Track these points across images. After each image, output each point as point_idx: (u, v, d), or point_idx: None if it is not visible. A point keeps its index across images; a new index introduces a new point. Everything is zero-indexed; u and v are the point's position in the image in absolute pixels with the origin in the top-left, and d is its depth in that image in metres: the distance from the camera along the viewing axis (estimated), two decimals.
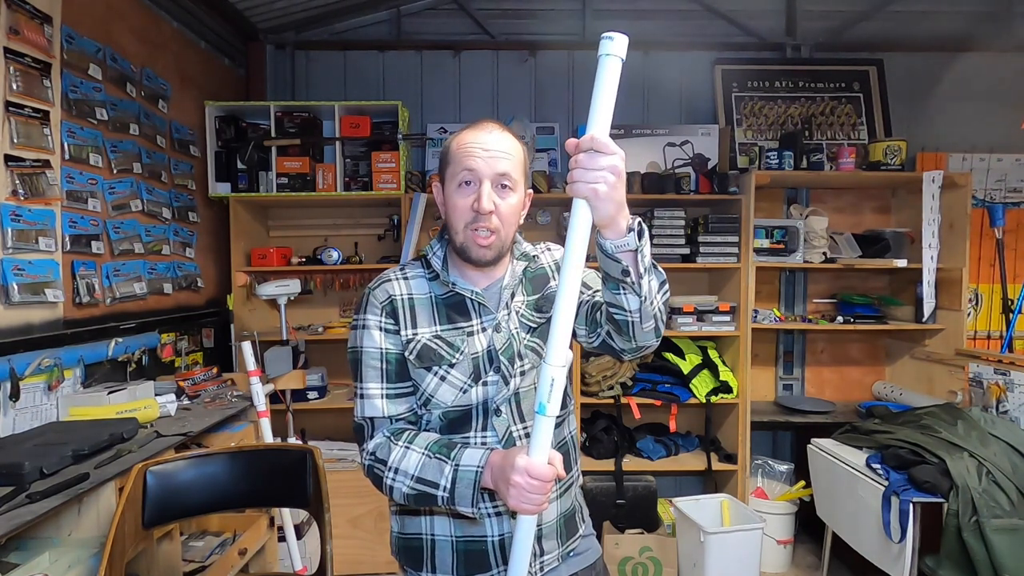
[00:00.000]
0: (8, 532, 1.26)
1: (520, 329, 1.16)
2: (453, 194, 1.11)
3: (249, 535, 2.09)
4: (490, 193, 1.08)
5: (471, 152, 1.08)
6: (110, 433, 1.74)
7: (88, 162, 2.16)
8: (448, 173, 1.12)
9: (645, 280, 1.00)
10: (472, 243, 1.10)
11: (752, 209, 2.92)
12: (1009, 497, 1.90)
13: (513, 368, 1.14)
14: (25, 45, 1.87)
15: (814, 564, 2.99)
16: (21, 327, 1.85)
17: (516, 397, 1.14)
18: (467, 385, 1.12)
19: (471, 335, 1.13)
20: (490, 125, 1.13)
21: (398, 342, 1.13)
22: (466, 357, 1.12)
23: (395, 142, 3.01)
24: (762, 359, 3.41)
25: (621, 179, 0.89)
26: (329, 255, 3.10)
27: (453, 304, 1.15)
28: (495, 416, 1.13)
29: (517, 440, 1.13)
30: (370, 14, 3.44)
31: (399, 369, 1.13)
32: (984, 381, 2.59)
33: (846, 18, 3.46)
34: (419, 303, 1.14)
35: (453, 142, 1.13)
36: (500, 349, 1.13)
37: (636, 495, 2.90)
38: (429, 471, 1.04)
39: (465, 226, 1.09)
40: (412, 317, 1.13)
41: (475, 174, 1.08)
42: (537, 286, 1.22)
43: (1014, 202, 3.44)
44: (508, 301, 1.16)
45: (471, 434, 1.13)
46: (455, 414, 1.13)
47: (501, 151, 1.09)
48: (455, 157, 1.11)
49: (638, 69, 3.45)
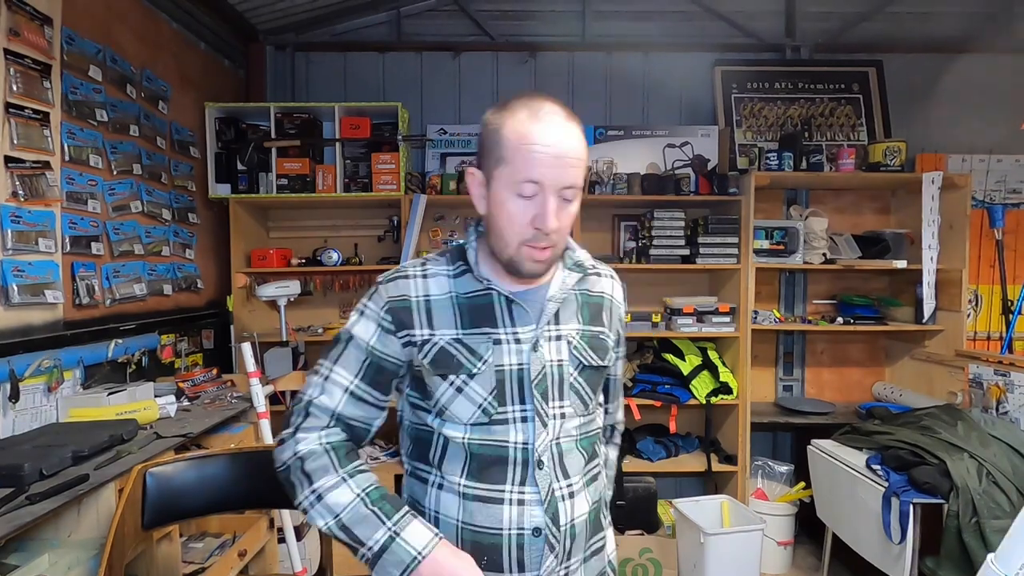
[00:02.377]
0: (8, 533, 1.25)
1: (569, 362, 1.00)
2: (507, 201, 0.92)
3: (249, 536, 2.08)
4: (556, 209, 0.91)
5: (538, 159, 0.89)
6: (110, 434, 1.74)
7: (88, 163, 2.16)
8: (501, 172, 0.92)
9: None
10: (526, 259, 0.94)
11: (752, 210, 2.92)
12: (1009, 498, 1.90)
13: (549, 405, 0.97)
14: (25, 46, 1.87)
15: (814, 565, 2.98)
16: (21, 328, 1.85)
17: (557, 446, 0.98)
18: (489, 404, 0.95)
19: (498, 343, 0.96)
20: (554, 113, 0.92)
21: (393, 346, 0.98)
22: (489, 368, 0.95)
23: (395, 143, 3.01)
24: (762, 360, 3.41)
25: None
26: (329, 256, 3.10)
27: (479, 306, 0.98)
28: (537, 468, 0.95)
29: (559, 502, 0.96)
30: (370, 15, 3.45)
31: (378, 374, 0.99)
32: (984, 382, 2.59)
33: (845, 19, 3.47)
34: (437, 304, 0.98)
35: (509, 131, 0.91)
36: (534, 377, 0.96)
37: (636, 496, 2.89)
38: (359, 523, 0.90)
39: (521, 242, 0.93)
40: (429, 318, 0.98)
41: (540, 186, 0.90)
42: (594, 317, 1.06)
43: (1014, 203, 3.44)
44: (552, 317, 0.99)
45: (507, 487, 0.95)
46: (487, 456, 0.95)
47: (573, 158, 0.91)
48: (513, 156, 0.90)
49: (638, 70, 3.45)
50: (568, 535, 0.97)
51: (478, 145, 0.98)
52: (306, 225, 3.36)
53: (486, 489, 0.95)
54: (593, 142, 3.27)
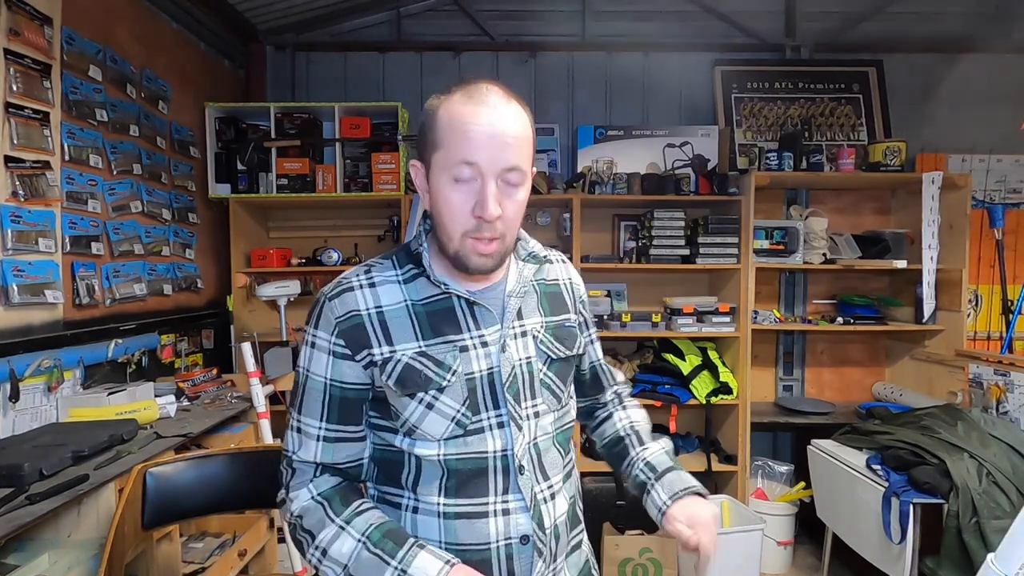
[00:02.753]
0: (8, 533, 1.25)
1: (536, 358, 0.95)
2: (444, 188, 0.86)
3: (249, 536, 2.08)
4: (496, 194, 0.84)
5: (472, 139, 0.83)
6: (110, 434, 1.74)
7: (88, 163, 2.16)
8: (437, 158, 0.86)
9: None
10: (471, 252, 0.87)
11: (752, 210, 2.92)
12: (1009, 498, 1.90)
13: (521, 407, 0.92)
14: (25, 46, 1.87)
15: (814, 565, 2.98)
16: (21, 328, 1.85)
17: (535, 448, 0.94)
18: (463, 416, 0.89)
19: (464, 351, 0.90)
20: (490, 91, 0.86)
21: (352, 371, 0.90)
22: (459, 379, 0.89)
23: (395, 143, 3.01)
24: (762, 360, 3.41)
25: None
26: (329, 256, 3.10)
27: (438, 312, 0.91)
28: (519, 474, 0.91)
29: (542, 505, 0.92)
30: (370, 15, 3.45)
31: (344, 407, 0.91)
32: (984, 382, 2.59)
33: (846, 19, 3.47)
34: (392, 315, 0.90)
35: (443, 113, 0.86)
36: (505, 379, 0.91)
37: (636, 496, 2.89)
38: (366, 569, 0.84)
39: (463, 234, 0.86)
40: (385, 333, 0.89)
41: (477, 168, 0.84)
42: (554, 306, 1.01)
43: (1014, 203, 3.44)
44: (514, 314, 0.94)
45: (490, 500, 0.90)
46: (466, 470, 0.89)
47: (512, 135, 0.84)
48: (446, 138, 0.85)
49: (638, 70, 3.45)
50: (553, 536, 0.94)
51: (418, 135, 0.92)
52: (306, 225, 3.36)
53: (468, 505, 0.89)
54: (593, 142, 3.27)
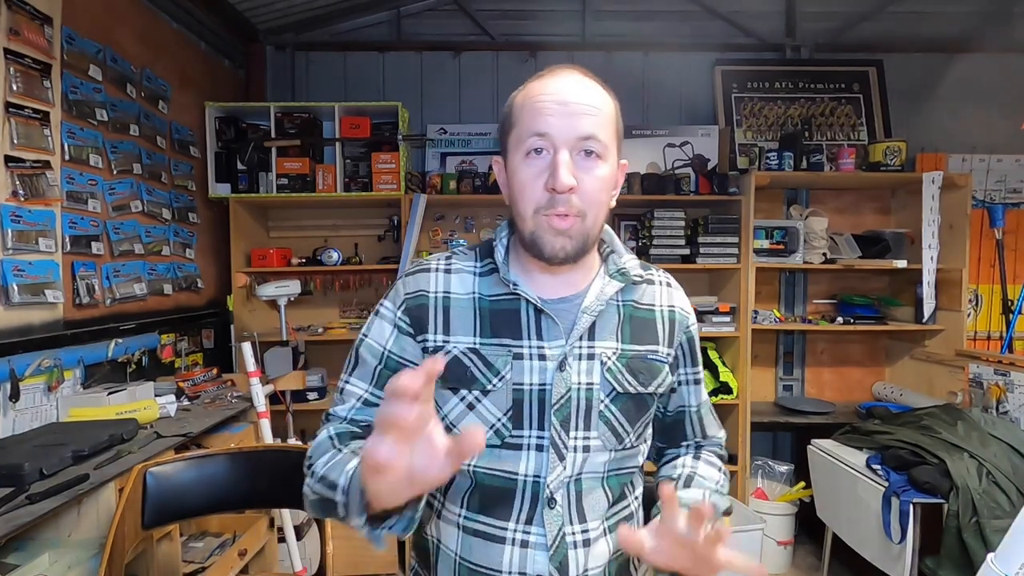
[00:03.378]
0: (8, 533, 1.25)
1: (600, 387, 0.85)
2: (519, 167, 0.81)
3: (249, 536, 2.08)
4: (569, 164, 0.79)
5: (542, 108, 0.79)
6: (110, 434, 1.74)
7: (88, 163, 2.16)
8: (512, 139, 0.83)
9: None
10: (545, 229, 0.81)
11: (752, 210, 2.92)
12: (1009, 498, 1.90)
13: (568, 435, 0.83)
14: (25, 46, 1.87)
15: (814, 565, 2.98)
16: (21, 328, 1.85)
17: (577, 484, 0.84)
18: (503, 425, 0.83)
19: (519, 358, 0.84)
20: (567, 70, 0.84)
21: (411, 349, 0.88)
22: (506, 385, 0.83)
23: (395, 143, 3.01)
24: (762, 360, 3.41)
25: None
26: (329, 256, 3.10)
27: (502, 311, 0.86)
28: (547, 507, 0.83)
29: (570, 549, 0.83)
30: (370, 15, 3.44)
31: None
32: (984, 382, 2.59)
33: (846, 19, 3.46)
34: (457, 304, 0.87)
35: (518, 95, 0.85)
36: (556, 400, 0.83)
37: None
38: (334, 468, 0.77)
39: (536, 210, 0.81)
40: (446, 320, 0.87)
41: (549, 139, 0.79)
42: (638, 334, 0.90)
43: (1014, 203, 3.44)
44: (585, 332, 0.86)
45: (510, 525, 0.83)
46: (493, 487, 0.84)
47: (585, 103, 0.80)
48: (520, 115, 0.82)
49: (638, 70, 3.45)
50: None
51: (499, 131, 0.90)
52: (306, 225, 3.36)
53: (487, 524, 0.84)
54: None
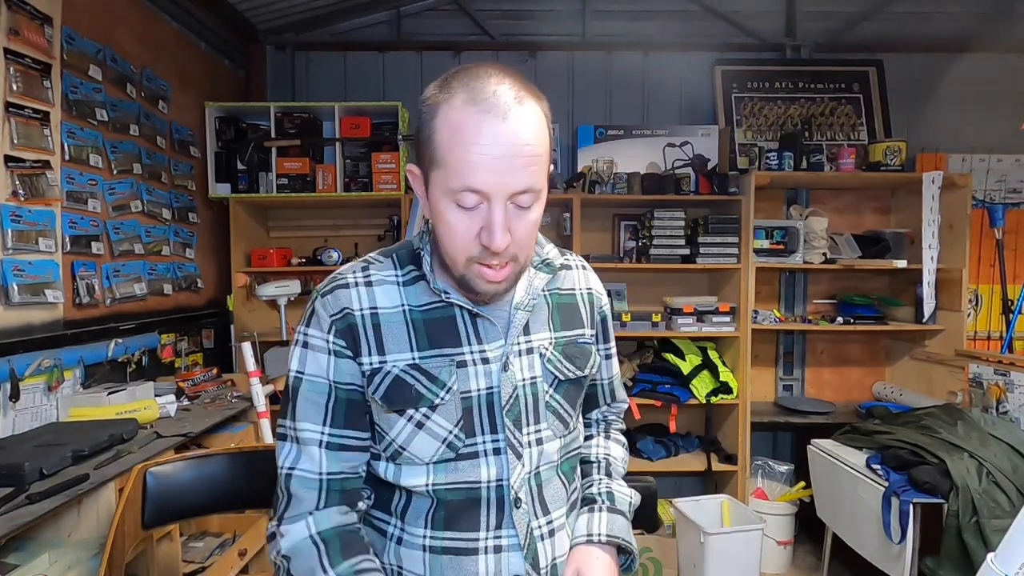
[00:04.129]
0: (8, 533, 1.25)
1: (543, 379, 0.85)
2: (446, 212, 0.75)
3: (249, 536, 2.08)
4: (504, 221, 0.73)
5: (477, 162, 0.70)
6: (110, 434, 1.74)
7: (88, 163, 2.16)
8: (436, 176, 0.75)
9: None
10: (478, 278, 0.77)
11: (752, 210, 2.92)
12: (1009, 497, 1.90)
13: (522, 433, 0.83)
14: (25, 46, 1.87)
15: (814, 565, 2.98)
16: (21, 328, 1.85)
17: (536, 478, 0.84)
18: (455, 437, 0.80)
19: (462, 366, 0.81)
20: (498, 89, 0.72)
21: (354, 372, 0.81)
22: (454, 396, 0.80)
23: (395, 143, 3.01)
24: (762, 360, 3.40)
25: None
26: (329, 256, 3.10)
27: (437, 320, 0.82)
28: (514, 508, 0.82)
29: (538, 543, 0.83)
30: (370, 15, 3.45)
31: (351, 410, 0.82)
32: (984, 382, 2.59)
33: (846, 19, 3.46)
34: (387, 320, 0.81)
35: (442, 119, 0.73)
36: (505, 401, 0.82)
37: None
38: None
39: (469, 259, 0.76)
40: (378, 339, 0.81)
41: (483, 195, 0.72)
42: (566, 320, 0.90)
43: (1014, 203, 3.44)
44: (520, 329, 0.84)
45: (480, 534, 0.81)
46: (456, 501, 0.81)
47: (524, 154, 0.72)
48: (448, 157, 0.72)
49: (638, 70, 3.45)
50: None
51: (415, 135, 0.80)
52: (306, 225, 3.36)
53: (456, 540, 0.81)
54: (593, 142, 3.27)
